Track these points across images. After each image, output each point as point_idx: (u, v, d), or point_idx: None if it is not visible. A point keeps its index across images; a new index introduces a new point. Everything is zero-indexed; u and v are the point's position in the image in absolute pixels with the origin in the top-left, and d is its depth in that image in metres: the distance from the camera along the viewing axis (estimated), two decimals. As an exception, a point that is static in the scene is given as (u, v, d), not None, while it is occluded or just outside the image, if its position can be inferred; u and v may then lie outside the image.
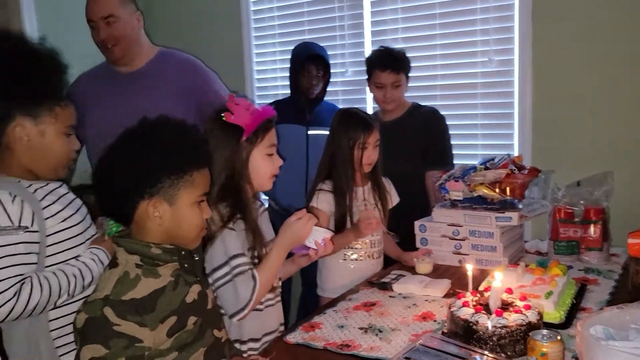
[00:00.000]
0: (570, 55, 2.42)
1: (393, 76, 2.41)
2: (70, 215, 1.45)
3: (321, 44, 2.95)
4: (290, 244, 1.52)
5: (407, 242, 2.18)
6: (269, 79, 3.29)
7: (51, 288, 1.34)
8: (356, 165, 2.04)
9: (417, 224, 2.17)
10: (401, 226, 2.20)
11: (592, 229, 2.04)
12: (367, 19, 2.94)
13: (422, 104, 2.58)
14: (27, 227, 1.34)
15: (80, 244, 1.46)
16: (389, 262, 2.18)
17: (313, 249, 1.54)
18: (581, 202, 2.05)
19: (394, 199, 2.20)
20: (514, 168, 2.06)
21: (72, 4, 2.91)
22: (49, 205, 1.40)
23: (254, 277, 1.47)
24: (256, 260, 1.53)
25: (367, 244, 2.10)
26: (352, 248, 2.09)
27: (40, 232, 1.36)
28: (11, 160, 1.40)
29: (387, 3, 2.86)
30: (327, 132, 2.67)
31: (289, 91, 2.77)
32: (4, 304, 1.26)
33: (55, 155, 1.43)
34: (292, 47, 2.85)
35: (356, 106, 2.95)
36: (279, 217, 2.72)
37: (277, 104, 2.83)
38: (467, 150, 2.71)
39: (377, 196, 2.14)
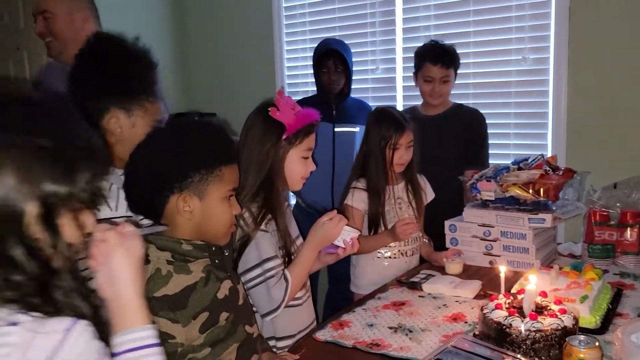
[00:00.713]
0: (607, 54, 2.37)
1: (443, 71, 2.37)
2: None
3: (352, 41, 2.96)
4: (321, 243, 1.53)
5: (441, 241, 2.17)
6: (299, 76, 3.30)
7: None
8: (388, 165, 2.03)
9: (447, 223, 2.15)
10: (436, 224, 2.19)
11: (628, 232, 1.99)
12: (399, 15, 2.92)
13: (464, 103, 2.54)
14: (130, 216, 1.35)
15: None
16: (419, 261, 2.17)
17: (342, 247, 1.54)
18: (617, 204, 2.01)
19: (428, 195, 2.19)
20: (548, 169, 2.02)
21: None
22: None
23: (285, 278, 1.48)
24: (286, 259, 1.54)
25: (402, 242, 2.09)
26: (386, 246, 2.08)
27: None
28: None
29: (419, 0, 2.83)
30: (353, 129, 2.69)
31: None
32: None
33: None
34: (323, 45, 2.85)
35: (386, 104, 2.97)
36: (304, 213, 2.74)
37: (304, 102, 2.84)
38: (499, 149, 2.66)
39: (411, 194, 2.13)
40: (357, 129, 2.71)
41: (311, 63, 3.17)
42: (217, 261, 1.21)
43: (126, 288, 0.86)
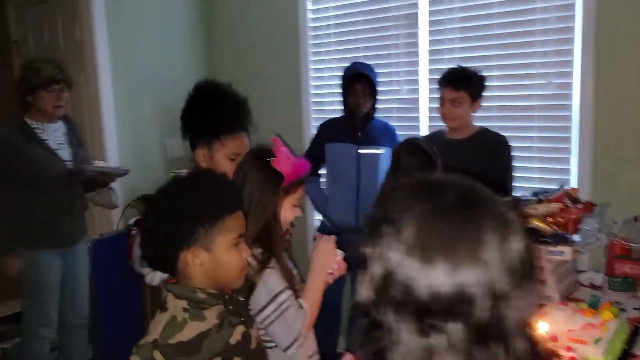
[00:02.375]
0: (634, 82, 2.34)
1: (452, 93, 2.39)
2: None
3: (376, 62, 3.00)
4: (326, 264, 1.61)
5: None
6: (325, 94, 3.35)
7: None
8: None
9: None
10: None
11: (650, 266, 1.98)
12: (423, 38, 2.94)
13: (487, 127, 2.55)
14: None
15: None
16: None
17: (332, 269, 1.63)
18: (638, 238, 2.00)
19: None
20: (568, 202, 2.03)
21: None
22: None
23: (301, 307, 1.55)
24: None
25: None
26: None
27: None
28: None
29: (444, 23, 2.85)
30: (378, 151, 2.74)
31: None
32: None
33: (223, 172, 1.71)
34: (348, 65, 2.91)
35: (410, 124, 3.01)
36: (330, 234, 2.79)
37: (330, 123, 2.91)
38: (523, 172, 2.66)
39: None
40: (381, 151, 2.76)
41: (337, 83, 3.25)
42: (231, 307, 1.28)
43: None
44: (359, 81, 2.68)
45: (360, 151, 2.75)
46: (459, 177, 0.77)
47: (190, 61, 3.69)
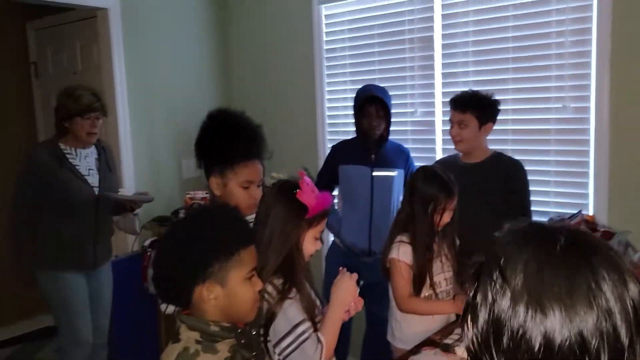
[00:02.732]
0: (652, 104, 2.32)
1: (458, 115, 2.42)
2: None
3: (391, 85, 3.01)
4: (345, 301, 1.60)
5: None
6: (340, 116, 3.37)
7: None
8: (435, 224, 2.07)
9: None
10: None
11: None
12: (438, 60, 2.94)
13: (503, 150, 2.55)
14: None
15: None
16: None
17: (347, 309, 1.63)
18: (660, 267, 1.97)
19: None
20: (586, 229, 2.01)
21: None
22: None
23: (319, 340, 1.54)
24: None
25: (443, 293, 2.12)
26: (442, 295, 2.11)
27: None
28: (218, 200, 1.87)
29: (459, 46, 2.86)
30: (391, 173, 2.74)
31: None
32: None
33: (236, 201, 1.81)
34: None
35: (425, 147, 3.01)
36: (342, 255, 2.80)
37: (344, 145, 2.92)
38: (539, 196, 2.64)
39: (451, 251, 2.15)
40: (395, 173, 2.76)
41: (351, 105, 3.26)
42: (243, 341, 1.27)
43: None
44: (372, 104, 2.68)
45: (374, 174, 2.74)
46: (568, 224, 0.77)
47: (206, 84, 3.74)
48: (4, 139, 3.86)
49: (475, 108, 2.41)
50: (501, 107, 2.68)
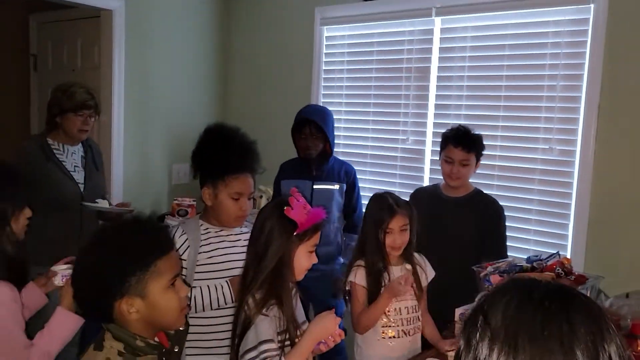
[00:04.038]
0: (635, 153, 2.39)
1: (463, 154, 2.44)
2: (219, 255, 1.94)
3: (385, 110, 3.08)
4: (320, 335, 1.61)
5: (443, 320, 2.20)
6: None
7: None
8: (383, 247, 2.10)
9: (457, 311, 2.18)
10: (439, 303, 2.22)
11: (638, 344, 1.99)
12: (433, 91, 3.01)
13: (482, 189, 2.59)
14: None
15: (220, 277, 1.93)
16: (425, 345, 2.21)
17: (324, 344, 1.63)
18: (629, 315, 2.02)
19: (429, 274, 2.20)
20: (561, 272, 2.05)
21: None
22: (206, 245, 1.95)
23: None
24: (287, 343, 1.62)
25: (403, 321, 2.14)
26: (388, 326, 2.13)
27: (187, 260, 1.91)
28: (207, 212, 2.02)
29: (454, 79, 2.92)
30: (331, 187, 2.81)
31: (350, 150, 2.94)
32: None
33: (226, 212, 1.94)
34: (357, 110, 2.98)
35: (414, 174, 3.06)
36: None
37: (290, 162, 3.00)
38: (520, 233, 2.70)
39: (416, 278, 2.17)
40: (335, 187, 2.84)
41: (344, 126, 3.32)
42: (164, 358, 1.28)
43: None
44: (306, 125, 2.77)
45: (315, 187, 2.81)
46: (549, 278, 0.81)
47: (204, 94, 3.77)
48: (-3, 129, 3.86)
49: (477, 148, 2.46)
50: (490, 143, 2.75)
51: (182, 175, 3.60)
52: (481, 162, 2.69)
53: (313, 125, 2.75)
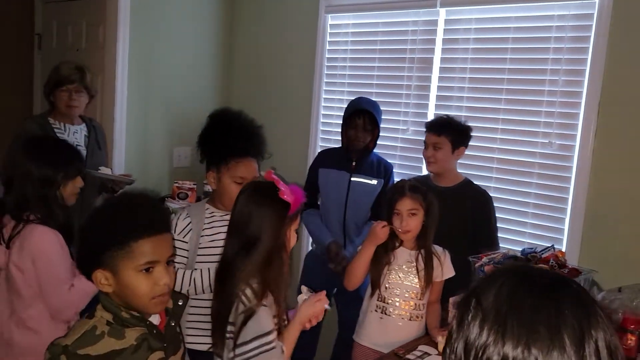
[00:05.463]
0: (634, 149, 2.40)
1: (434, 137, 2.56)
2: (221, 239, 1.90)
3: (386, 100, 3.09)
4: (308, 319, 1.66)
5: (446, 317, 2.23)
6: (333, 125, 3.41)
7: (182, 280, 1.91)
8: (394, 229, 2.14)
9: (452, 300, 2.21)
10: (444, 301, 2.26)
11: (628, 337, 2.02)
12: (435, 82, 3.01)
13: (476, 180, 2.64)
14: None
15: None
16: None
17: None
18: (620, 309, 2.04)
19: (445, 272, 2.21)
20: (554, 264, 2.08)
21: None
22: (209, 228, 2.00)
23: (282, 351, 1.60)
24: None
25: (401, 302, 2.17)
26: (383, 301, 2.17)
27: (189, 243, 1.96)
28: (214, 196, 2.09)
29: (456, 71, 2.93)
30: (370, 181, 2.81)
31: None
32: None
33: (229, 196, 1.94)
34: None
35: (412, 165, 3.07)
36: (319, 261, 2.86)
37: (328, 151, 3.04)
38: (515, 226, 2.72)
39: (421, 263, 2.20)
40: (373, 182, 2.83)
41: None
42: (155, 331, 1.30)
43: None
44: (360, 116, 2.75)
45: (352, 179, 2.81)
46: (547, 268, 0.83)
47: (207, 77, 3.78)
48: (1, 107, 3.87)
49: (449, 132, 2.54)
50: (490, 135, 2.78)
51: (183, 158, 3.61)
52: (480, 154, 2.74)
53: (367, 117, 2.74)
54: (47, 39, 3.93)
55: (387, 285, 2.17)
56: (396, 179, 2.85)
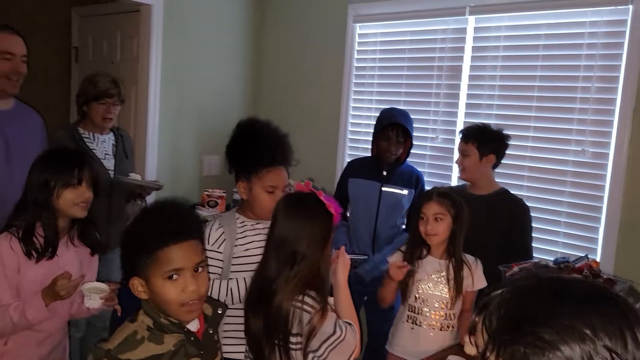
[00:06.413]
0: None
1: (462, 144, 2.57)
2: (255, 248, 1.93)
3: (415, 108, 3.08)
4: (345, 276, 1.70)
5: None
6: (361, 133, 3.43)
7: (219, 290, 1.89)
8: (423, 234, 2.15)
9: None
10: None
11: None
12: (464, 90, 3.00)
13: (510, 190, 2.59)
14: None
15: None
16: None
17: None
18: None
19: (476, 282, 2.18)
20: (588, 274, 2.04)
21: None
22: (242, 238, 1.98)
23: (349, 324, 1.61)
24: None
25: (432, 312, 2.15)
26: (423, 315, 2.16)
27: (224, 253, 1.94)
28: (244, 205, 2.06)
29: (486, 79, 2.91)
30: (401, 191, 2.80)
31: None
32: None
33: (261, 205, 1.95)
34: (387, 107, 3.00)
35: (442, 173, 3.06)
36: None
37: (358, 161, 3.04)
38: (548, 235, 2.68)
39: (451, 272, 2.17)
40: (404, 192, 2.82)
41: (372, 122, 3.32)
42: (192, 338, 1.32)
43: None
44: (393, 129, 2.75)
45: (383, 189, 2.81)
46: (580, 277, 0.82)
47: (236, 88, 3.84)
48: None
49: (476, 139, 2.52)
50: (521, 143, 2.74)
51: (212, 167, 3.67)
52: (511, 162, 2.70)
53: (401, 130, 2.76)
54: (84, 52, 4.06)
55: (417, 295, 2.16)
56: (427, 188, 2.84)
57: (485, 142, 2.51)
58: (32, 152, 2.01)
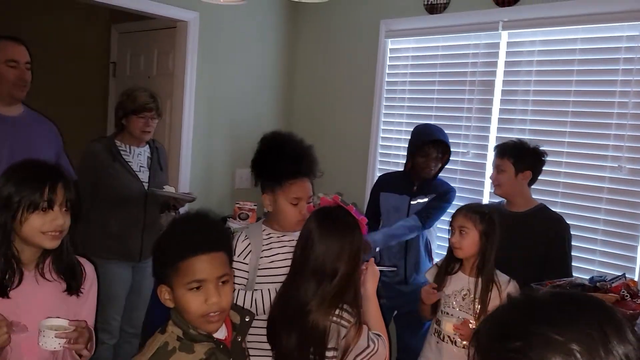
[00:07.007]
0: None
1: (497, 160, 2.54)
2: (280, 260, 1.96)
3: (447, 123, 3.06)
4: (374, 286, 1.74)
5: None
6: (392, 147, 3.43)
7: (244, 301, 1.89)
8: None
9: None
10: None
11: None
12: (496, 105, 2.97)
13: (552, 201, 2.56)
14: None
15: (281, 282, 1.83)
16: None
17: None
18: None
19: (504, 298, 2.11)
20: (626, 294, 1.98)
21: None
22: (268, 249, 1.99)
23: (378, 335, 1.65)
24: None
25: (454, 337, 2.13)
26: (440, 325, 2.15)
27: (249, 264, 1.96)
28: (269, 217, 2.08)
29: (519, 93, 2.88)
30: (426, 200, 2.79)
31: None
32: None
33: (286, 217, 1.98)
34: (418, 122, 2.99)
35: (473, 188, 3.03)
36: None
37: (388, 176, 3.05)
38: (584, 253, 2.61)
39: (481, 290, 2.14)
40: None
41: (405, 138, 3.32)
42: (222, 346, 1.34)
43: None
44: (434, 146, 2.75)
45: (412, 202, 2.80)
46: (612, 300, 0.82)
47: (269, 102, 3.89)
48: (79, 131, 4.12)
49: (511, 154, 2.48)
50: (555, 159, 2.69)
51: (244, 179, 3.71)
52: (545, 178, 2.65)
53: (440, 147, 2.77)
54: (121, 67, 4.19)
55: (442, 309, 2.14)
56: (455, 203, 2.82)
57: (522, 157, 2.47)
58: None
